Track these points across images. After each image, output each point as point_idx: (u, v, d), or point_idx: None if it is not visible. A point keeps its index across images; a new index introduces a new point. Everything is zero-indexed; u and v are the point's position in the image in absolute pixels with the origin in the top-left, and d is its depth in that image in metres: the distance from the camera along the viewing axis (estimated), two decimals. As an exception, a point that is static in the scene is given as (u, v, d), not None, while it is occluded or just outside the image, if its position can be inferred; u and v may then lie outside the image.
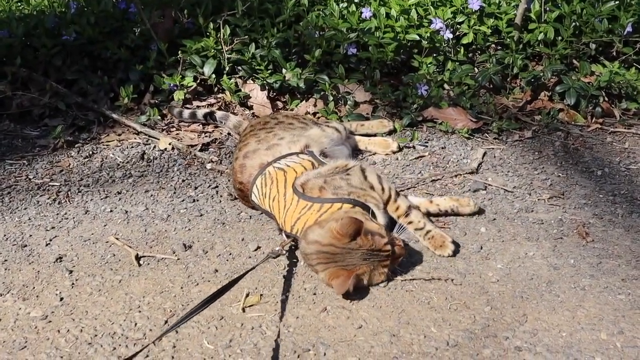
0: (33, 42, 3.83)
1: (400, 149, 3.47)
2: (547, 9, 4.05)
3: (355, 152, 3.42)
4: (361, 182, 2.71)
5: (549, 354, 2.14)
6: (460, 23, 4.02)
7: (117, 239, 2.72)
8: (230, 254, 2.66)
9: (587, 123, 3.82)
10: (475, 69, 4.02)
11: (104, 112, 3.67)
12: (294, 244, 2.59)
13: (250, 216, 2.93)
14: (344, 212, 2.49)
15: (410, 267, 2.57)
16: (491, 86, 3.98)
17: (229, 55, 3.80)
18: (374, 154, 3.44)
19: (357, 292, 2.38)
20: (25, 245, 2.69)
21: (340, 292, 2.33)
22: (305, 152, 2.93)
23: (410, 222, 2.71)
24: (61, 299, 2.38)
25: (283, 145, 2.93)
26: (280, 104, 3.84)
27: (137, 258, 2.61)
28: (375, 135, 3.54)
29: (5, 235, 2.75)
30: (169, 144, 3.46)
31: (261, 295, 2.41)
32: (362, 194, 2.65)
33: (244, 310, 2.33)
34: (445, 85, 3.92)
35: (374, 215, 2.60)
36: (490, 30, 4.04)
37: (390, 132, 3.57)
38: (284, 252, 2.53)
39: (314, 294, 2.42)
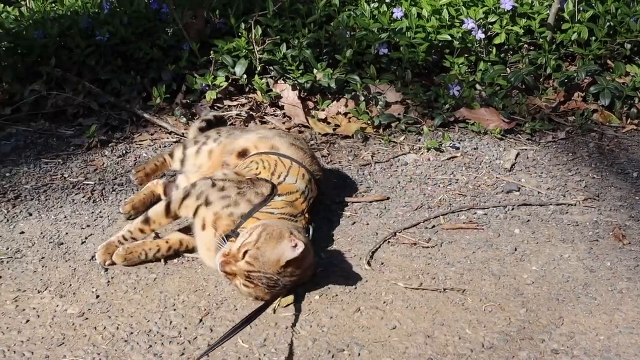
0: (67, 42, 3.87)
1: None
2: (581, 8, 4.01)
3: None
4: None
5: (586, 358, 2.12)
6: (492, 23, 3.99)
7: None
8: (263, 253, 2.66)
9: (622, 124, 3.78)
10: (508, 69, 3.99)
11: (136, 111, 3.70)
12: None
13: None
14: None
15: (445, 267, 2.56)
16: (523, 87, 3.94)
17: (260, 56, 3.81)
18: (405, 154, 3.43)
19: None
20: (62, 243, 2.71)
21: None
22: None
23: None
24: (97, 296, 2.40)
25: None
26: (311, 104, 3.84)
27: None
28: None
29: (42, 233, 2.78)
30: (201, 143, 3.47)
31: (295, 294, 2.41)
32: None
33: (274, 311, 2.33)
34: (477, 86, 3.89)
35: None
36: (522, 31, 4.01)
37: None
38: None
39: (347, 294, 2.42)
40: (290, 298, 2.39)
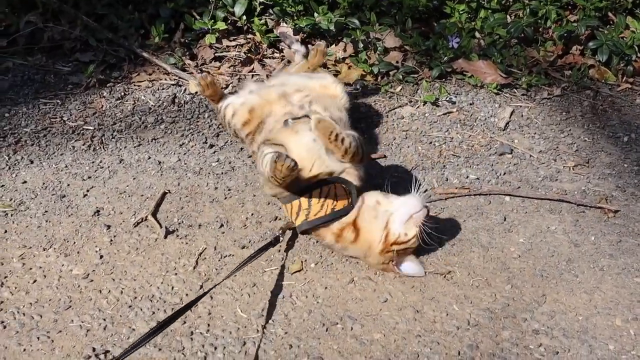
0: (64, -29, 3.78)
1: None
2: (587, -43, 3.94)
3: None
4: None
5: (564, 339, 2.26)
6: (496, -31, 3.93)
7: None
8: (260, 214, 2.74)
9: (618, 82, 3.80)
10: (508, 17, 3.96)
11: (134, 50, 3.66)
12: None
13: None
14: None
15: (434, 238, 2.65)
16: (522, 36, 3.93)
17: (261, -4, 3.76)
18: (402, 107, 3.46)
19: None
20: (64, 196, 2.77)
21: None
22: None
23: None
24: (101, 256, 2.49)
25: None
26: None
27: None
28: None
29: (44, 184, 2.82)
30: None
31: (303, 261, 2.51)
32: None
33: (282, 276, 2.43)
34: (477, 34, 3.87)
35: None
36: (525, -22, 3.95)
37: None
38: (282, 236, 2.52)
39: (342, 262, 2.52)
40: (298, 264, 2.48)
